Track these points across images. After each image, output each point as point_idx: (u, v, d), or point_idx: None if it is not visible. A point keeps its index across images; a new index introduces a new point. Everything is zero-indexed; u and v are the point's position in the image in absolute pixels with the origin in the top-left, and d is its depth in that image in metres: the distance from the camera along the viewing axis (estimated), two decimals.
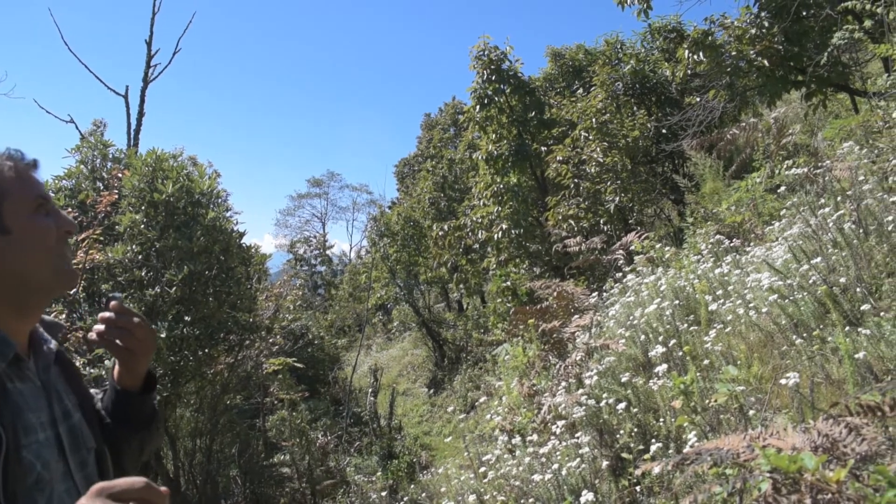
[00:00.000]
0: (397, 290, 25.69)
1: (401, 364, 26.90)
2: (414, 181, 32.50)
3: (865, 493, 2.11)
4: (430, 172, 26.47)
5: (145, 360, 1.70)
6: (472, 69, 15.02)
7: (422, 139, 36.95)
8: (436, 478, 10.73)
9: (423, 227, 24.44)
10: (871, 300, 4.43)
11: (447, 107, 34.37)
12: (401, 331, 30.20)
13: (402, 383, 24.58)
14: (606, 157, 12.57)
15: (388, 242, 25.01)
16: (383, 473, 13.47)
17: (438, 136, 32.33)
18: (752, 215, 7.98)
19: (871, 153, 6.03)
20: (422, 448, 16.77)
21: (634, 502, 4.51)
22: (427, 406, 21.29)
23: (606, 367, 5.62)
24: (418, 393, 23.09)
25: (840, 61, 11.56)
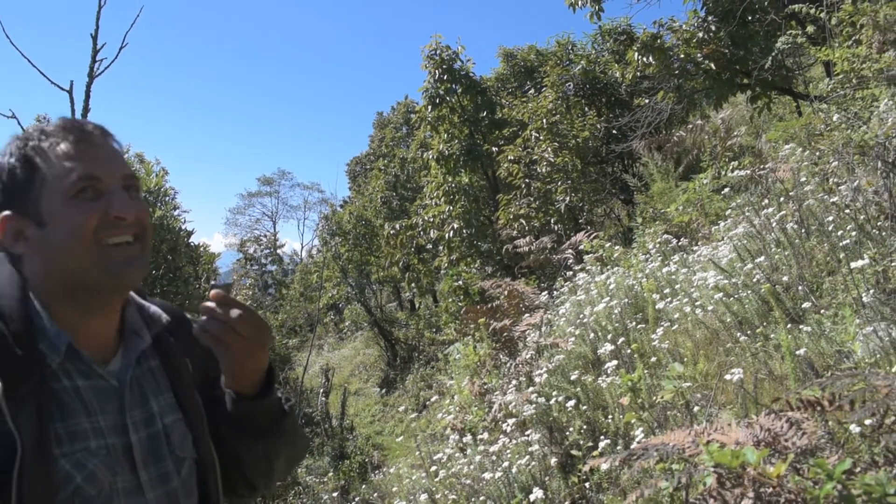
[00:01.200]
0: (349, 290, 25.53)
1: (353, 364, 26.74)
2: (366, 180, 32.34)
3: (805, 487, 2.16)
4: (382, 171, 26.38)
5: (251, 360, 1.40)
6: (423, 68, 15.01)
7: (374, 138, 36.79)
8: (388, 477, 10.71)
9: (375, 226, 24.33)
10: (812, 298, 4.55)
11: (399, 105, 34.28)
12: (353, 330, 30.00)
13: (354, 383, 24.44)
14: (557, 157, 12.67)
15: (340, 241, 24.84)
16: (335, 474, 13.37)
17: (390, 135, 32.23)
18: (699, 215, 8.12)
19: (812, 155, 6.19)
20: (374, 448, 16.70)
21: (584, 498, 4.56)
22: (379, 406, 21.21)
23: (556, 366, 5.67)
24: (370, 393, 22.99)
25: (784, 65, 11.82)
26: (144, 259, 1.38)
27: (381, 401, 21.46)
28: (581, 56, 16.71)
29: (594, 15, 11.12)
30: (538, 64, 18.26)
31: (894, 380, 2.32)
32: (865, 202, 4.88)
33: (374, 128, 37.38)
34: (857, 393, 2.41)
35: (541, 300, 7.33)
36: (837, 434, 2.89)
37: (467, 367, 7.72)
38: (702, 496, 2.34)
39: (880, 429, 2.43)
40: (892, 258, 4.03)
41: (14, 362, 1.21)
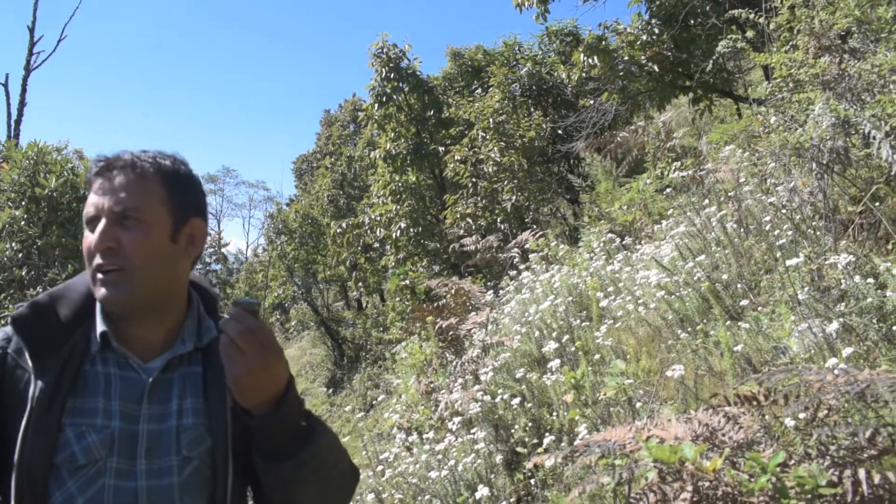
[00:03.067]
0: (295, 289, 25.27)
1: (299, 364, 26.48)
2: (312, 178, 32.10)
3: (741, 480, 2.21)
4: (329, 170, 26.20)
5: (251, 377, 1.41)
6: (370, 66, 14.93)
7: (321, 136, 36.52)
8: None
9: (322, 225, 24.14)
10: (750, 296, 4.66)
11: (347, 104, 34.09)
12: (299, 330, 29.72)
13: (301, 383, 24.21)
14: (503, 157, 12.73)
15: (286, 240, 24.54)
16: None
17: (338, 133, 32.02)
18: (642, 215, 8.25)
19: (751, 156, 6.33)
20: None
21: (529, 495, 4.59)
22: (326, 406, 21.04)
23: (502, 364, 5.70)
24: (317, 393, 22.80)
25: (725, 68, 12.08)
26: (123, 285, 1.47)
27: (328, 401, 21.29)
28: (528, 57, 16.84)
29: (540, 16, 11.22)
30: (485, 64, 18.33)
31: (826, 374, 2.39)
32: (801, 202, 5.01)
33: (321, 125, 37.14)
34: (792, 388, 2.48)
35: (487, 299, 7.36)
36: (773, 428, 2.96)
37: (414, 365, 7.71)
38: (642, 491, 2.37)
39: (813, 422, 2.50)
40: (826, 257, 4.15)
41: (46, 338, 1.45)
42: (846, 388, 2.29)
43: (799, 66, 4.94)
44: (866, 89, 4.55)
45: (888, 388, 2.31)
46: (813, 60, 4.88)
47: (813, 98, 4.82)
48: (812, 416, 2.50)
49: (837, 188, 4.89)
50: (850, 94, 4.58)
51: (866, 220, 4.46)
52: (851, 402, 2.45)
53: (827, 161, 4.63)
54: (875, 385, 2.30)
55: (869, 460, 2.32)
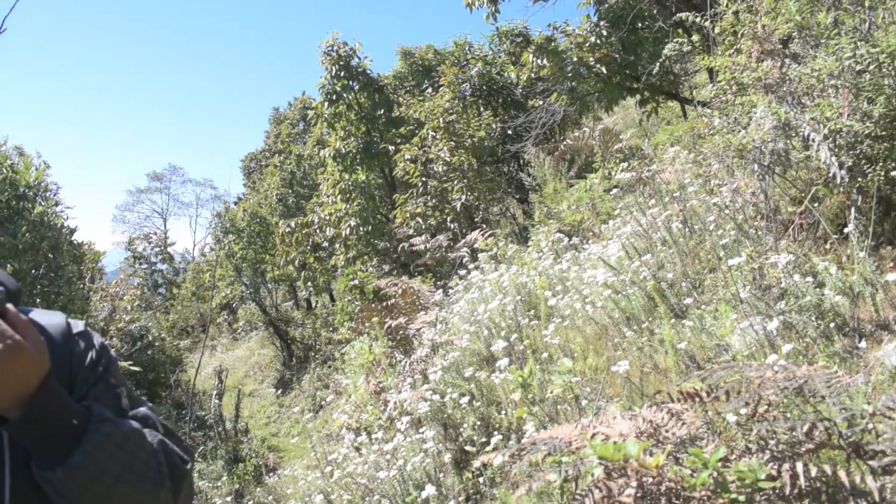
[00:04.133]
0: (243, 289, 24.97)
1: (247, 364, 26.18)
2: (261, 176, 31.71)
3: (683, 475, 2.24)
4: (278, 168, 25.93)
5: None
6: (320, 64, 14.81)
7: (270, 134, 36.10)
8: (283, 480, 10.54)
9: (271, 224, 23.88)
10: (694, 294, 4.73)
11: (296, 101, 33.76)
12: (247, 330, 29.37)
13: (249, 384, 23.94)
14: (453, 157, 12.75)
15: (234, 239, 24.22)
16: (229, 478, 13.05)
17: (287, 131, 31.67)
18: (590, 214, 8.33)
19: (696, 158, 6.45)
20: (269, 450, 16.40)
21: (478, 493, 4.60)
22: (275, 407, 20.84)
23: (451, 363, 5.70)
24: (266, 394, 22.57)
25: (671, 71, 12.29)
26: None
27: (276, 402, 21.10)
28: (478, 57, 16.90)
29: (490, 16, 11.27)
30: (436, 63, 18.34)
31: (766, 371, 2.44)
32: (743, 203, 5.11)
33: (270, 123, 36.74)
34: (733, 384, 2.52)
35: (436, 298, 7.36)
36: (716, 424, 3.02)
37: (363, 365, 7.68)
38: (588, 488, 2.39)
39: (754, 417, 2.55)
40: (767, 256, 4.24)
41: None
42: (785, 384, 2.34)
43: (742, 70, 5.03)
44: (806, 93, 4.66)
45: (825, 383, 2.37)
46: (756, 64, 4.98)
47: (755, 101, 4.92)
48: (753, 411, 2.55)
49: (778, 189, 5.00)
50: (791, 98, 4.69)
51: (806, 220, 4.57)
52: (790, 397, 2.50)
53: (768, 163, 4.73)
54: (812, 381, 2.35)
55: (807, 454, 2.37)
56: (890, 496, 2.33)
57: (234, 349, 29.61)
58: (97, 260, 14.14)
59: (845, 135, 4.10)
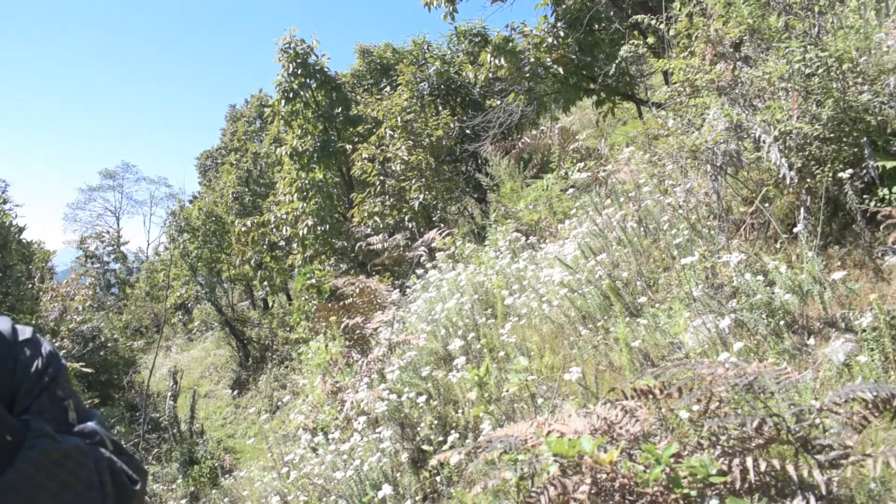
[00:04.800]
0: (198, 289, 24.64)
1: (203, 365, 25.89)
2: (217, 175, 31.36)
3: (637, 471, 2.27)
4: (234, 166, 25.65)
5: None
6: (277, 62, 14.68)
7: (226, 131, 35.72)
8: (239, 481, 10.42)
9: (226, 223, 23.62)
10: (649, 293, 4.79)
11: (253, 99, 33.45)
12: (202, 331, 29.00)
13: (205, 385, 23.67)
14: (411, 156, 12.74)
15: (189, 238, 23.89)
16: (184, 480, 12.88)
17: (243, 129, 31.37)
18: (547, 214, 8.39)
19: (651, 158, 6.53)
20: (225, 452, 16.23)
21: (435, 492, 4.60)
22: (231, 408, 20.63)
23: (408, 362, 5.69)
24: (222, 395, 22.33)
25: (627, 72, 12.43)
26: None
27: (232, 402, 20.89)
28: (436, 56, 16.91)
29: (448, 15, 11.28)
30: (394, 62, 18.34)
31: (718, 368, 2.48)
32: (697, 203, 5.19)
33: (226, 121, 36.34)
34: (686, 381, 2.56)
35: (394, 297, 7.34)
36: (669, 420, 3.06)
37: (319, 365, 7.63)
38: (543, 485, 2.41)
39: (706, 414, 2.59)
40: (720, 255, 4.31)
41: None
42: (736, 381, 2.38)
43: (696, 72, 5.11)
44: (757, 95, 4.75)
45: (774, 380, 2.42)
46: (709, 67, 5.05)
47: (709, 103, 5.00)
48: (704, 407, 2.59)
49: (730, 189, 5.09)
50: (743, 100, 4.78)
51: (757, 220, 4.65)
52: (741, 393, 2.54)
53: (721, 163, 4.81)
54: (762, 377, 2.40)
55: (757, 449, 2.41)
56: (836, 489, 2.38)
57: (189, 350, 29.25)
58: (47, 259, 13.83)
59: (795, 137, 4.18)
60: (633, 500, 2.29)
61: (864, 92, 4.06)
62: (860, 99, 4.00)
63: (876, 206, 3.79)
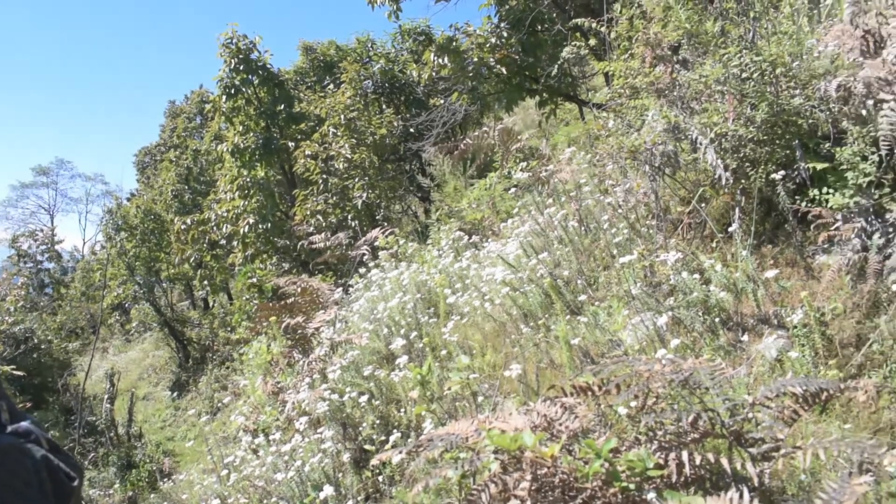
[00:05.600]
0: (136, 288, 24.09)
1: (141, 367, 25.38)
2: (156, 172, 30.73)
3: (576, 466, 2.29)
4: (174, 163, 25.17)
5: None
6: (219, 57, 14.46)
7: (165, 128, 34.99)
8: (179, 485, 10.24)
9: (166, 221, 23.18)
10: (589, 291, 4.85)
11: (194, 95, 32.84)
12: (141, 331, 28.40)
13: (143, 387, 23.21)
14: (354, 154, 12.68)
15: (126, 237, 23.36)
16: (121, 485, 12.61)
17: (183, 126, 30.74)
18: (490, 213, 8.43)
19: (592, 158, 6.61)
20: (164, 455, 15.92)
21: (378, 492, 4.59)
22: (171, 410, 20.26)
23: (350, 362, 5.66)
24: (161, 397, 21.92)
25: (569, 74, 12.58)
26: None
27: (172, 405, 20.52)
28: (381, 54, 16.86)
29: (392, 14, 11.26)
30: (338, 59, 18.21)
31: (655, 364, 2.52)
32: (636, 203, 5.28)
33: (165, 117, 35.58)
34: (624, 378, 2.60)
35: (336, 296, 7.30)
36: (608, 416, 3.10)
37: (260, 366, 7.54)
38: (484, 483, 2.42)
39: (643, 409, 2.63)
40: (658, 254, 4.39)
41: None
42: (672, 377, 2.43)
43: (636, 74, 5.19)
44: (695, 98, 4.85)
45: (709, 375, 2.47)
46: (648, 69, 5.14)
47: (648, 104, 5.09)
48: (642, 403, 2.64)
49: (668, 190, 5.19)
50: (681, 102, 4.87)
51: (693, 219, 4.75)
52: (677, 389, 2.60)
53: (659, 164, 4.90)
54: (698, 373, 2.45)
55: (692, 443, 2.46)
56: (768, 481, 2.45)
57: (126, 351, 28.66)
58: None
59: (730, 138, 4.28)
60: (574, 494, 2.31)
61: (796, 96, 4.18)
62: (792, 103, 4.12)
63: (807, 206, 3.90)
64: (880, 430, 2.84)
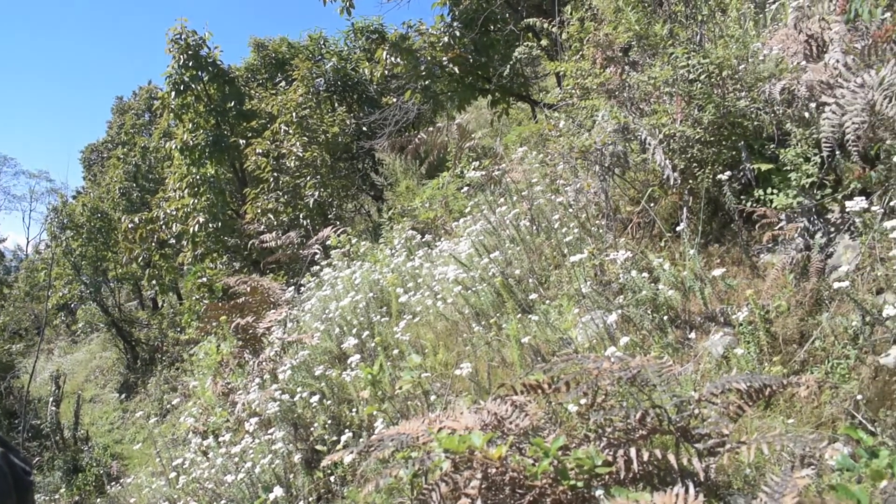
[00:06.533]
0: (83, 288, 23.57)
1: (88, 368, 24.84)
2: (103, 169, 30.11)
3: (526, 465, 2.31)
4: (122, 160, 24.66)
5: None
6: (168, 53, 14.19)
7: (113, 124, 34.32)
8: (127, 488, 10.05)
9: (113, 220, 22.71)
10: (540, 290, 4.89)
11: (142, 91, 32.24)
12: (87, 332, 27.76)
13: (90, 389, 22.72)
14: (306, 152, 12.56)
15: (72, 236, 22.83)
16: (68, 489, 12.34)
17: (131, 122, 30.15)
18: (443, 212, 8.44)
19: (543, 158, 6.65)
20: (112, 458, 15.60)
21: (329, 492, 4.56)
22: (118, 412, 19.87)
23: (301, 361, 5.62)
24: (108, 399, 21.48)
25: (521, 74, 12.66)
26: None
27: (120, 407, 20.14)
28: (333, 52, 16.75)
29: (345, 10, 11.18)
30: (290, 57, 18.05)
31: (603, 362, 2.55)
32: (586, 202, 5.34)
33: (113, 113, 34.88)
34: (573, 375, 2.62)
35: (287, 296, 7.23)
36: (559, 414, 3.13)
37: (210, 366, 7.44)
38: (435, 482, 2.42)
39: (592, 407, 2.66)
40: (608, 253, 4.44)
41: None
42: (620, 374, 2.45)
43: (587, 75, 5.24)
44: (644, 99, 4.91)
45: (657, 373, 2.51)
46: (599, 70, 5.19)
47: (598, 105, 5.14)
48: (591, 401, 2.66)
49: (618, 189, 5.25)
50: (631, 103, 4.94)
51: (643, 219, 4.81)
52: (625, 386, 2.62)
53: (609, 164, 4.95)
54: (645, 371, 2.48)
55: (640, 439, 2.50)
56: (714, 476, 2.49)
57: (73, 353, 28.05)
58: None
59: (678, 139, 4.35)
60: (523, 493, 2.32)
61: (742, 98, 4.26)
62: (738, 105, 4.20)
63: (752, 206, 3.98)
64: (822, 425, 2.91)
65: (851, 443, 2.50)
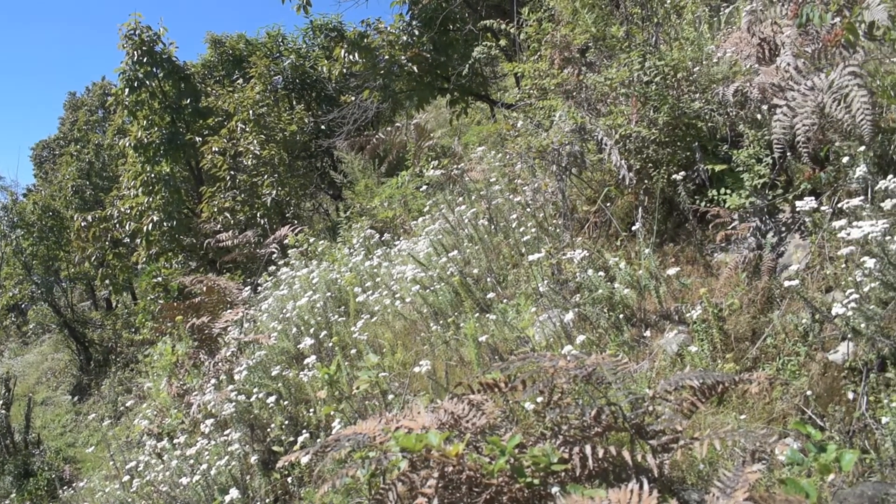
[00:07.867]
0: (34, 288, 23.04)
1: (39, 370, 24.30)
2: (55, 166, 29.45)
3: (482, 463, 2.31)
4: (75, 158, 24.15)
5: None
6: (121, 48, 13.91)
7: (65, 120, 33.60)
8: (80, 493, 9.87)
9: (65, 218, 22.25)
10: (498, 289, 4.90)
11: (95, 87, 31.61)
12: (38, 333, 27.19)
13: (42, 392, 22.23)
14: (263, 150, 12.43)
15: (23, 234, 22.32)
16: (18, 495, 12.06)
17: (84, 119, 29.54)
18: (402, 211, 8.42)
19: (502, 158, 6.69)
20: (65, 462, 15.30)
21: (287, 494, 4.53)
22: (71, 415, 19.46)
23: (258, 362, 5.57)
24: (61, 401, 21.03)
25: (480, 73, 12.69)
26: None
27: (73, 409, 19.73)
28: (291, 49, 16.61)
29: (302, 7, 11.08)
30: (247, 53, 17.81)
31: (560, 360, 2.56)
32: (544, 202, 5.37)
33: (65, 109, 34.15)
34: (530, 374, 2.63)
35: (244, 296, 7.16)
36: (517, 413, 3.14)
37: (166, 367, 7.33)
38: (392, 482, 2.41)
39: (549, 405, 2.67)
40: (565, 252, 4.47)
41: None
42: (576, 372, 2.47)
43: (544, 76, 5.27)
44: (601, 100, 4.96)
45: (612, 370, 2.53)
46: (557, 71, 5.23)
47: (556, 105, 5.17)
48: (548, 399, 2.68)
49: (575, 189, 5.29)
50: (588, 104, 4.98)
51: (599, 218, 4.86)
52: (581, 384, 2.65)
53: (566, 164, 4.99)
54: (601, 368, 2.51)
55: (596, 436, 2.52)
56: (668, 472, 2.52)
57: (23, 354, 27.40)
58: None
59: (634, 140, 4.40)
60: (480, 491, 2.33)
61: (696, 100, 4.33)
62: (693, 106, 4.26)
63: (706, 206, 4.05)
64: (773, 420, 2.97)
65: (801, 438, 2.56)
